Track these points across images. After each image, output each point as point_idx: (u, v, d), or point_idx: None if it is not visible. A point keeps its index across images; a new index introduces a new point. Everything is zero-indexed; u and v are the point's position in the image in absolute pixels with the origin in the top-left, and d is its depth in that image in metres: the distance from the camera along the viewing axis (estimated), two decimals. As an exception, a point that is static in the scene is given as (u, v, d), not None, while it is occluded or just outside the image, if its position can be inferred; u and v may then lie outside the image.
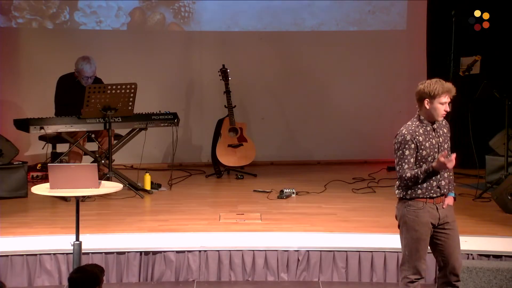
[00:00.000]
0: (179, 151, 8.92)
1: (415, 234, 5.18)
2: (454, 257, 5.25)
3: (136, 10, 9.74)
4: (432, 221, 5.18)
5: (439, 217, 5.18)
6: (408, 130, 5.20)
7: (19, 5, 9.47)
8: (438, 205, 5.18)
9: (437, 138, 5.19)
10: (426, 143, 5.15)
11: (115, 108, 8.01)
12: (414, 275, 5.22)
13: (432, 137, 5.18)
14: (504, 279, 6.26)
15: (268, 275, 6.64)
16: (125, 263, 6.59)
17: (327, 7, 9.83)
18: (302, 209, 7.66)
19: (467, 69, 8.64)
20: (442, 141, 5.21)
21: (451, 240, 5.23)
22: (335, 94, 9.96)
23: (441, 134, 5.23)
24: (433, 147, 5.16)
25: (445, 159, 5.02)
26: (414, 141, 5.15)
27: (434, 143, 5.17)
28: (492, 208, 7.57)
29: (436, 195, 5.17)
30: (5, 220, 7.07)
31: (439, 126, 5.24)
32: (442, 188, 5.19)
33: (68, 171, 5.84)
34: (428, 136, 5.17)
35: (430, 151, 5.15)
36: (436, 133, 5.20)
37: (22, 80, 9.52)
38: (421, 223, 5.17)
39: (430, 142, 5.17)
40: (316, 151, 10.00)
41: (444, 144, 5.22)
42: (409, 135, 5.17)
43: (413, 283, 5.23)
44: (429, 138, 5.17)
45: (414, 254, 5.20)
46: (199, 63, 9.82)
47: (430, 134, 5.18)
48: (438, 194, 5.18)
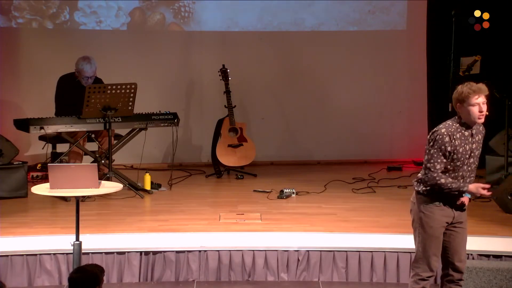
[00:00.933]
0: (179, 151, 8.93)
1: (429, 231, 5.17)
2: (459, 254, 5.25)
3: (136, 10, 9.74)
4: (447, 220, 5.17)
5: (453, 216, 5.18)
6: (448, 130, 5.10)
7: (19, 5, 9.46)
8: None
9: (471, 144, 5.13)
10: (460, 148, 5.09)
11: (115, 108, 8.01)
12: (426, 272, 5.21)
13: (467, 142, 5.11)
14: (504, 279, 6.26)
15: (268, 275, 6.64)
16: (125, 263, 6.58)
17: (327, 7, 9.83)
18: (302, 209, 7.66)
19: (467, 69, 8.65)
20: (475, 148, 5.15)
21: (459, 239, 5.23)
22: (335, 94, 9.96)
23: (476, 140, 5.16)
24: (465, 153, 5.11)
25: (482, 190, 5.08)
26: (451, 143, 5.07)
27: (468, 149, 5.11)
28: (492, 208, 7.57)
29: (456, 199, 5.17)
30: (5, 220, 7.07)
31: (476, 132, 5.16)
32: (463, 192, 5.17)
33: (68, 171, 5.84)
34: (464, 141, 5.11)
35: (461, 156, 5.09)
36: (472, 138, 5.14)
37: (22, 80, 9.52)
38: (436, 220, 5.15)
39: (464, 148, 5.10)
40: (316, 151, 9.99)
41: (476, 151, 5.16)
42: (447, 136, 5.07)
43: (424, 280, 5.22)
44: (464, 144, 5.10)
45: (427, 251, 5.19)
46: (199, 63, 9.82)
47: (466, 139, 5.12)
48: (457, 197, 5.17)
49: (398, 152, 9.91)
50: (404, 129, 9.97)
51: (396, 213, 7.42)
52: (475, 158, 5.17)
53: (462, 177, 5.15)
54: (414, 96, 9.92)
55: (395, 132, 9.97)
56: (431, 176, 5.08)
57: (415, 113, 9.94)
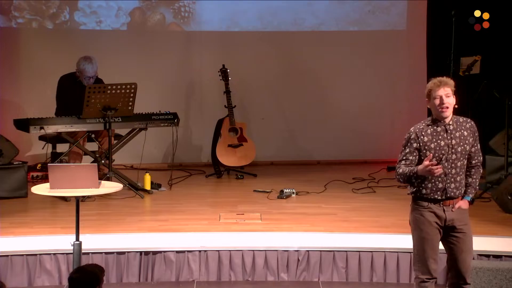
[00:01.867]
0: (179, 151, 8.93)
1: (420, 233, 5.16)
2: (462, 261, 5.20)
3: (136, 10, 9.74)
4: (438, 221, 5.14)
5: (445, 219, 5.13)
6: (415, 129, 5.17)
7: (19, 5, 9.47)
8: (445, 207, 5.13)
9: (449, 140, 5.10)
10: (431, 144, 5.08)
11: (115, 108, 8.01)
12: (424, 275, 5.19)
13: (441, 138, 5.10)
14: (504, 279, 6.27)
15: (268, 275, 6.64)
16: (125, 263, 6.59)
17: (327, 7, 9.83)
18: (302, 209, 7.66)
19: (467, 69, 8.65)
20: (456, 144, 5.10)
21: (461, 244, 5.19)
22: (335, 94, 9.96)
23: (456, 136, 5.12)
24: (440, 149, 5.08)
25: (430, 164, 4.96)
26: (418, 140, 5.11)
27: (443, 145, 5.08)
28: (492, 208, 7.57)
29: (441, 198, 5.12)
30: (5, 220, 7.08)
31: (456, 128, 5.13)
32: (450, 191, 5.12)
33: (68, 171, 5.84)
34: (437, 137, 5.10)
35: (435, 152, 5.07)
36: (448, 134, 5.11)
37: (22, 80, 9.53)
38: (426, 222, 5.14)
39: (437, 143, 5.09)
40: (316, 151, 9.99)
41: (458, 147, 5.10)
42: (414, 134, 5.15)
43: (425, 283, 5.20)
44: (437, 140, 5.10)
45: (422, 253, 5.17)
46: (199, 63, 9.82)
47: (439, 135, 5.10)
48: (443, 197, 5.11)
49: (398, 152, 9.85)
50: (404, 129, 9.83)
51: (396, 213, 7.42)
52: (458, 155, 5.10)
53: (445, 175, 5.08)
54: (414, 96, 9.91)
55: (395, 132, 9.95)
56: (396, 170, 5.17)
57: (415, 113, 9.91)
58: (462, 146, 5.13)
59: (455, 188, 5.13)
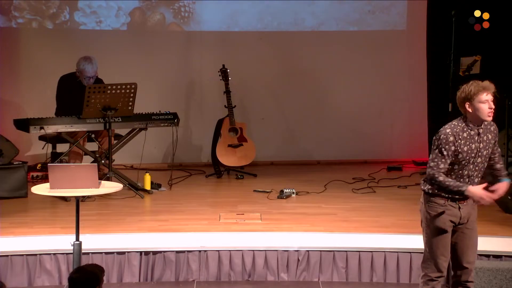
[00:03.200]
0: (179, 151, 8.93)
1: (435, 231, 5.15)
2: (467, 256, 5.22)
3: (136, 10, 9.74)
4: (453, 219, 5.14)
5: (460, 216, 5.14)
6: (453, 131, 5.07)
7: (19, 5, 9.46)
8: (461, 205, 5.13)
9: (478, 144, 5.10)
10: (465, 147, 5.06)
11: (115, 108, 8.01)
12: (434, 273, 5.19)
13: (473, 141, 5.08)
14: (504, 279, 6.26)
15: (268, 275, 6.64)
16: (125, 263, 6.59)
17: (327, 7, 9.83)
18: (302, 209, 7.65)
19: (467, 69, 8.65)
20: (482, 148, 5.11)
21: (467, 239, 5.20)
22: (335, 94, 9.95)
23: (484, 139, 5.13)
24: (470, 152, 5.07)
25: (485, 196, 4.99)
26: (456, 144, 5.05)
27: (473, 148, 5.08)
28: (492, 208, 7.55)
29: (459, 197, 5.11)
30: (5, 220, 7.07)
31: (484, 131, 5.13)
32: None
33: (68, 171, 5.84)
34: (470, 140, 5.08)
35: (466, 155, 5.06)
36: (479, 138, 5.11)
37: (22, 80, 9.52)
38: (442, 219, 5.12)
39: (469, 147, 5.07)
40: (316, 151, 9.99)
41: (484, 151, 5.11)
42: (452, 136, 5.05)
43: (433, 281, 5.20)
44: (470, 143, 5.07)
45: (435, 251, 5.16)
46: (199, 63, 9.82)
47: (473, 138, 5.08)
48: (462, 197, 5.10)
49: (398, 152, 9.91)
50: (404, 129, 9.97)
51: (396, 213, 7.42)
52: (483, 158, 5.13)
53: (468, 176, 5.11)
54: (414, 96, 9.92)
55: (395, 132, 9.97)
56: (432, 174, 5.06)
57: (415, 113, 9.94)
58: (487, 150, 5.16)
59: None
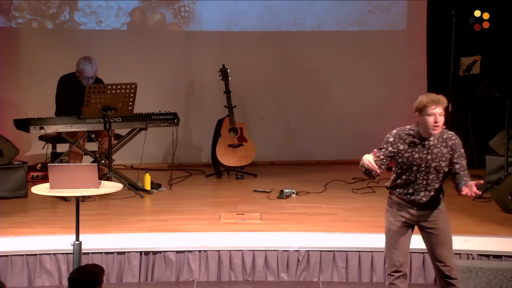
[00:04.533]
0: (179, 151, 8.93)
1: (388, 224, 5.27)
2: (438, 254, 5.26)
3: (136, 10, 9.74)
4: (407, 217, 5.21)
5: (414, 214, 5.21)
6: (397, 133, 5.22)
7: (19, 5, 9.47)
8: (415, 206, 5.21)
9: (425, 155, 5.12)
10: (405, 153, 5.14)
11: (115, 108, 8.02)
12: (391, 267, 5.25)
13: (418, 151, 5.13)
14: (504, 279, 6.26)
15: (268, 275, 6.64)
16: (125, 263, 6.59)
17: (327, 7, 9.83)
18: (302, 209, 7.66)
19: (467, 69, 8.65)
20: (430, 159, 5.11)
21: (434, 239, 5.25)
22: (335, 94, 9.96)
23: (434, 152, 5.13)
24: (412, 159, 5.12)
25: (368, 163, 5.05)
26: (394, 146, 5.17)
27: (416, 157, 5.13)
28: (492, 208, 7.57)
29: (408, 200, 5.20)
30: (5, 220, 7.08)
31: (436, 144, 5.14)
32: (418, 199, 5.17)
33: (68, 171, 5.84)
34: (414, 149, 5.13)
35: (407, 161, 5.13)
36: (426, 149, 5.13)
37: (22, 80, 9.53)
38: (395, 214, 5.23)
39: (411, 154, 5.13)
40: (316, 151, 9.99)
41: (432, 163, 5.12)
42: (392, 138, 5.21)
43: (391, 276, 5.24)
44: (412, 151, 5.13)
45: (388, 244, 5.26)
46: (199, 63, 9.82)
47: (416, 147, 5.13)
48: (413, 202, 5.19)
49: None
50: (404, 129, 9.96)
51: (396, 213, 7.41)
52: (431, 169, 5.12)
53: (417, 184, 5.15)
54: (414, 96, 9.84)
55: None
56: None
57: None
58: (437, 163, 5.14)
59: (424, 196, 5.19)
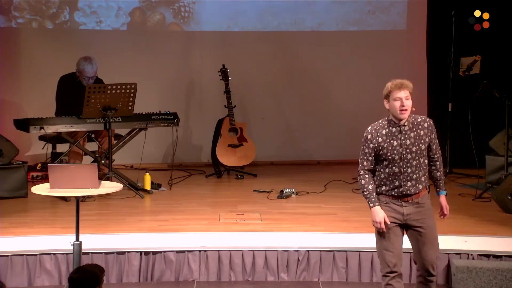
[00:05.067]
0: (179, 151, 8.93)
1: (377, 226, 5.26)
2: (424, 253, 5.29)
3: (136, 10, 9.74)
4: (396, 216, 5.23)
5: (403, 213, 5.23)
6: (372, 128, 5.28)
7: (19, 5, 9.47)
8: (404, 203, 5.22)
9: (403, 141, 5.18)
10: (385, 144, 5.19)
11: (115, 108, 8.02)
12: (385, 268, 5.26)
13: (395, 138, 5.18)
14: (504, 279, 6.27)
15: (268, 275, 6.64)
16: (125, 263, 6.59)
17: (327, 7, 9.83)
18: (302, 209, 7.66)
19: (467, 69, 8.65)
20: (410, 144, 5.17)
21: (422, 237, 5.28)
22: (335, 94, 9.96)
23: (411, 136, 5.20)
24: (392, 148, 5.17)
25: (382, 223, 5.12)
26: (373, 141, 5.21)
27: (395, 145, 5.17)
28: (492, 208, 7.57)
29: (397, 195, 5.22)
30: (5, 220, 7.08)
31: (411, 128, 5.21)
32: (406, 189, 5.20)
33: (68, 171, 5.84)
34: (391, 137, 5.19)
35: (387, 151, 5.18)
36: (403, 135, 5.19)
37: (22, 80, 9.53)
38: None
39: (390, 143, 5.18)
40: (316, 151, 9.99)
41: (413, 147, 5.18)
42: (370, 134, 5.25)
43: (386, 277, 5.25)
44: (391, 140, 5.18)
45: (380, 245, 5.27)
46: (199, 63, 9.82)
47: (394, 135, 5.19)
48: (400, 194, 5.21)
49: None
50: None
51: (396, 213, 7.41)
52: (413, 155, 5.18)
53: (401, 173, 5.19)
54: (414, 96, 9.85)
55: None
56: (358, 172, 5.27)
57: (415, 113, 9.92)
58: (417, 146, 5.20)
59: (411, 186, 5.22)
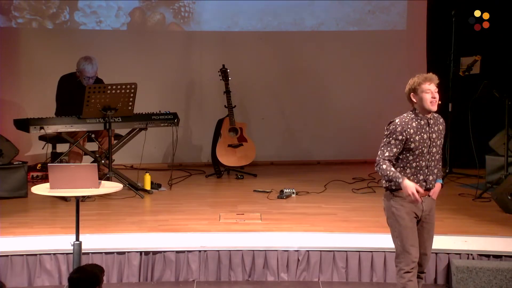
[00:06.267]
0: (179, 151, 8.93)
1: (403, 222, 5.26)
2: (424, 248, 5.33)
3: (136, 10, 9.74)
4: (417, 212, 5.27)
5: (422, 209, 5.29)
6: (401, 121, 5.30)
7: (19, 5, 9.47)
8: (423, 198, 5.25)
9: (430, 134, 5.27)
10: (416, 136, 5.23)
11: (115, 108, 8.02)
12: (408, 265, 5.27)
13: (425, 131, 5.26)
14: (504, 279, 6.27)
15: (268, 275, 6.64)
16: (125, 263, 6.59)
17: (327, 7, 9.83)
18: (302, 209, 7.66)
19: (467, 69, 8.65)
20: (436, 137, 5.29)
21: (425, 233, 5.34)
22: (335, 94, 9.96)
23: (435, 130, 5.31)
24: (423, 141, 5.24)
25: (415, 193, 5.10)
26: (404, 133, 5.23)
27: (425, 138, 5.25)
28: (492, 208, 7.57)
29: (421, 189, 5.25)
30: (5, 220, 7.08)
31: (434, 122, 5.32)
32: (429, 183, 5.29)
33: (68, 171, 5.84)
34: (421, 130, 5.25)
35: (419, 144, 5.23)
36: (430, 128, 5.28)
37: (22, 80, 9.53)
38: (407, 211, 5.25)
39: (421, 136, 5.24)
40: (316, 151, 9.99)
41: (437, 141, 5.30)
42: (400, 126, 5.26)
43: (409, 273, 5.27)
44: (421, 132, 5.25)
45: (405, 243, 5.26)
46: (199, 63, 9.82)
47: (423, 128, 5.26)
48: (424, 188, 5.26)
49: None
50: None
51: (396, 213, 7.41)
52: (437, 148, 5.29)
53: (427, 167, 5.26)
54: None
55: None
56: (378, 161, 5.27)
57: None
58: (440, 140, 5.33)
59: (433, 180, 5.31)
